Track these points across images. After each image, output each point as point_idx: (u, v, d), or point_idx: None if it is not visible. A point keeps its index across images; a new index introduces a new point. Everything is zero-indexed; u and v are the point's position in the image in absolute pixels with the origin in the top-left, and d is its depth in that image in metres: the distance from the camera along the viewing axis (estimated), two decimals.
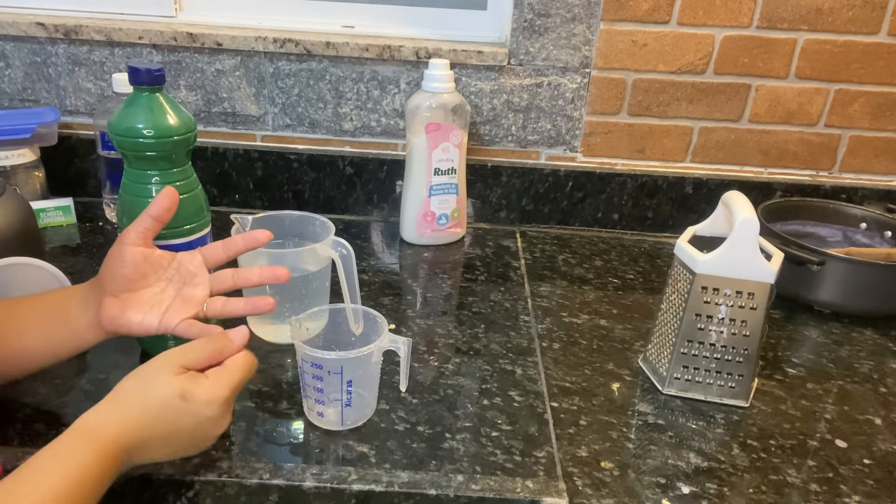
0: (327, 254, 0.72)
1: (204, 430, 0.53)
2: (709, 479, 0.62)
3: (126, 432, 0.50)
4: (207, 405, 0.52)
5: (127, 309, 0.58)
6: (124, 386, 0.52)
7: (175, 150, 0.66)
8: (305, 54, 1.05)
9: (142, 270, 0.59)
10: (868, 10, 1.03)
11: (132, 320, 0.58)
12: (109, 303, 0.58)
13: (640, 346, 0.82)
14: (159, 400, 0.51)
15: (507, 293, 0.91)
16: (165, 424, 0.51)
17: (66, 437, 0.48)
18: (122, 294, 0.59)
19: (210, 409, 0.52)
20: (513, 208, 1.13)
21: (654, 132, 1.11)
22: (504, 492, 0.58)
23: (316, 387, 0.62)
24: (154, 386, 0.52)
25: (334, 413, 0.63)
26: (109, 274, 0.59)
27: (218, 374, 0.54)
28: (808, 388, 0.76)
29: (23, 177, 1.00)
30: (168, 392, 0.51)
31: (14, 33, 1.02)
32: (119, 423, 0.50)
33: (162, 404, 0.51)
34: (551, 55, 1.06)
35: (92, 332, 0.59)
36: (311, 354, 0.60)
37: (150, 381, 0.52)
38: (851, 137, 1.11)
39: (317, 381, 0.61)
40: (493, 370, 0.74)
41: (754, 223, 0.66)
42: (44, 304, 0.60)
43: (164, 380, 0.52)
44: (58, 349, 0.60)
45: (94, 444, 0.48)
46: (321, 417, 0.63)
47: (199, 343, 0.55)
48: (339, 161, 1.10)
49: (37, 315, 0.59)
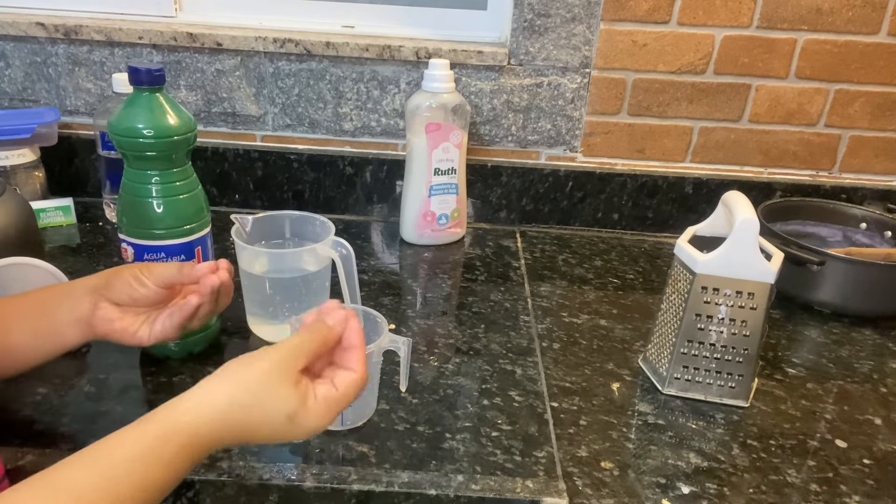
0: (327, 254, 0.72)
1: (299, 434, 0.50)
2: (709, 479, 0.62)
3: (214, 432, 0.46)
4: (307, 433, 0.49)
5: (124, 318, 0.59)
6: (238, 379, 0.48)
7: (175, 150, 0.66)
8: (305, 54, 1.05)
9: (151, 302, 0.61)
10: (868, 10, 1.03)
11: (127, 330, 0.59)
12: (108, 307, 0.59)
13: (640, 346, 0.82)
14: (267, 413, 0.47)
15: (507, 293, 0.91)
16: (256, 429, 0.48)
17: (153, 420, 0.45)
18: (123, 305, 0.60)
19: (306, 434, 0.49)
20: (513, 208, 1.13)
21: (654, 132, 1.11)
22: (504, 492, 0.58)
23: None
24: (270, 396, 0.47)
25: None
26: (120, 285, 0.59)
27: (329, 399, 0.50)
28: (808, 388, 0.76)
29: (23, 177, 1.00)
30: (279, 408, 0.47)
31: (14, 33, 1.02)
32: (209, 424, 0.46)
33: (267, 416, 0.47)
34: (551, 55, 1.06)
35: (82, 328, 0.59)
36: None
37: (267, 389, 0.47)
38: (851, 137, 1.11)
39: None
40: (493, 370, 0.74)
41: (754, 223, 0.66)
42: (31, 300, 0.60)
43: (283, 392, 0.48)
44: (44, 346, 0.59)
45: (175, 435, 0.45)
46: None
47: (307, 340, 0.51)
48: (339, 161, 1.10)
49: (24, 311, 0.59)
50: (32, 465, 0.57)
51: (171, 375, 0.69)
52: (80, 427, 0.62)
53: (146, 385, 0.68)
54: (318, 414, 0.49)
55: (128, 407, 0.65)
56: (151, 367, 0.71)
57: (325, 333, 0.52)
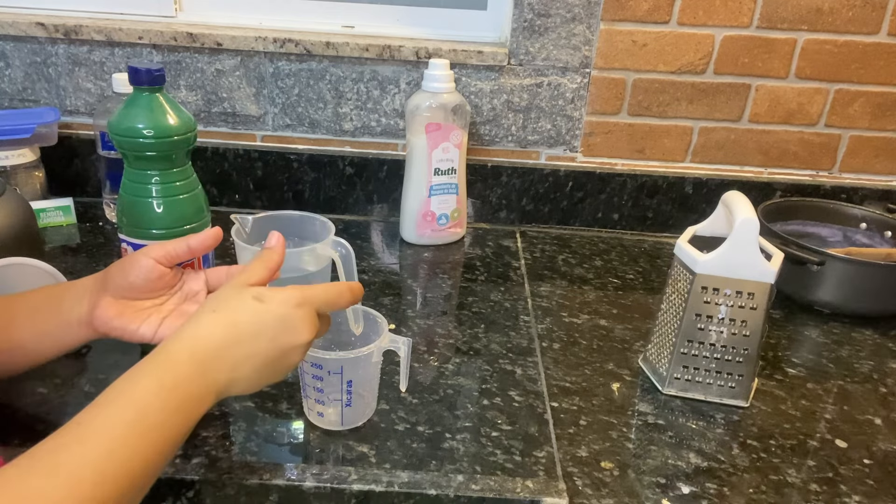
0: (327, 254, 0.72)
1: (286, 338, 0.50)
2: (709, 479, 0.62)
3: (198, 344, 0.48)
4: (283, 303, 0.50)
5: (124, 313, 0.58)
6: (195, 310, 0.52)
7: (175, 150, 0.66)
8: (305, 54, 1.05)
9: (152, 286, 0.59)
10: (868, 10, 1.03)
11: (127, 327, 0.57)
12: (107, 303, 0.57)
13: (640, 346, 0.82)
14: (232, 306, 0.50)
15: (507, 293, 0.91)
16: (243, 328, 0.49)
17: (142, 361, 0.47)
18: (123, 299, 0.58)
19: (286, 307, 0.50)
20: (513, 208, 1.13)
21: (654, 132, 1.11)
22: (504, 492, 0.58)
23: (316, 387, 0.62)
24: (224, 298, 0.51)
25: (334, 413, 0.63)
26: (119, 274, 0.58)
27: (294, 285, 0.53)
28: (808, 388, 0.76)
29: (23, 177, 1.00)
30: (240, 297, 0.50)
31: (14, 33, 1.02)
32: (190, 336, 0.48)
33: (236, 309, 0.50)
34: (551, 55, 1.06)
35: (82, 328, 0.58)
36: (311, 354, 0.60)
37: (218, 297, 0.52)
38: (851, 137, 1.11)
39: (317, 381, 0.61)
40: (493, 370, 0.74)
41: (754, 223, 0.66)
42: (36, 298, 0.60)
43: (232, 292, 0.51)
44: (46, 344, 0.59)
45: (165, 369, 0.47)
46: (321, 417, 0.63)
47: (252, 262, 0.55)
48: (339, 161, 1.10)
49: (28, 309, 0.58)
50: None
51: None
52: None
53: None
54: (282, 290, 0.51)
55: None
56: None
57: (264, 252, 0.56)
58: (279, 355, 0.51)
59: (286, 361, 0.52)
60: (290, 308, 0.51)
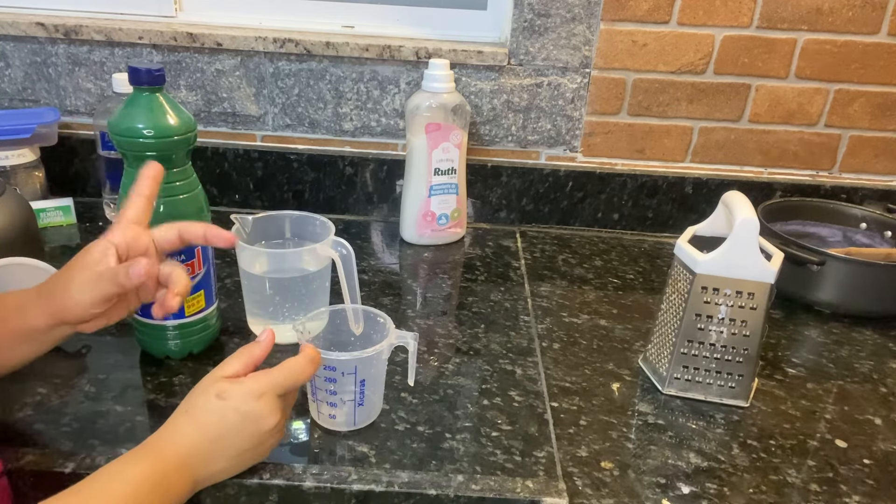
0: (327, 254, 0.72)
1: (253, 429, 0.53)
2: (709, 479, 0.62)
3: (178, 444, 0.52)
4: (243, 400, 0.53)
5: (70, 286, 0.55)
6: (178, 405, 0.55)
7: (175, 150, 0.66)
8: (305, 54, 1.05)
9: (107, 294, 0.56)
10: (868, 10, 1.03)
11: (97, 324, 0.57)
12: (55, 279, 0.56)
13: (640, 346, 0.82)
14: (200, 406, 0.53)
15: (507, 293, 0.91)
16: (210, 429, 0.53)
17: (133, 451, 0.51)
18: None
19: (247, 403, 0.53)
20: (513, 208, 1.13)
21: (654, 132, 1.11)
22: (504, 492, 0.58)
23: (329, 389, 0.61)
24: (194, 396, 0.54)
25: (345, 414, 0.62)
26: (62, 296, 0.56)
27: (256, 374, 0.55)
28: (808, 388, 0.76)
29: (23, 177, 1.00)
30: (205, 396, 0.53)
31: (14, 33, 1.02)
32: (169, 437, 0.52)
33: (203, 409, 0.53)
34: (551, 55, 1.06)
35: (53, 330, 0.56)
36: (324, 357, 0.59)
37: (191, 394, 0.54)
38: (851, 137, 1.11)
39: (329, 383, 0.61)
40: (493, 370, 0.74)
41: (754, 223, 0.66)
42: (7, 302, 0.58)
43: (203, 388, 0.54)
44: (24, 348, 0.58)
45: (155, 458, 0.51)
46: (332, 419, 0.63)
47: (234, 354, 0.57)
48: (339, 161, 1.10)
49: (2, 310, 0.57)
50: (32, 464, 0.57)
51: (172, 375, 0.69)
52: (80, 427, 0.62)
53: (146, 385, 0.68)
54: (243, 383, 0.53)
55: (128, 407, 0.65)
56: (151, 367, 0.71)
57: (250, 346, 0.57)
58: (252, 444, 0.54)
59: (261, 447, 0.55)
60: (252, 402, 0.53)
